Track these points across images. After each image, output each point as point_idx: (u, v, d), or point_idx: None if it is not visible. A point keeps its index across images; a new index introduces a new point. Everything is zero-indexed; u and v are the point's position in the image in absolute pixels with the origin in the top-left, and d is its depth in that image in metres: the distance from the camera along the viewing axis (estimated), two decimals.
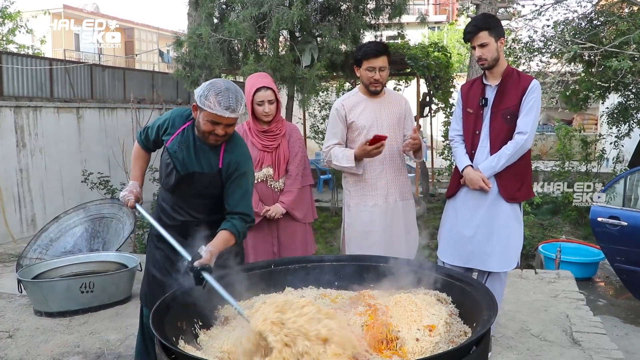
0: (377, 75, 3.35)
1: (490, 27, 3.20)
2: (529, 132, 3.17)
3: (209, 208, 2.67)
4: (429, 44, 11.80)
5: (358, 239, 3.48)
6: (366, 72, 3.36)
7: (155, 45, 25.37)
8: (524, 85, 3.21)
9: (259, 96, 3.31)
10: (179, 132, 2.62)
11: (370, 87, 3.41)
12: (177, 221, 2.70)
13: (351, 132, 3.47)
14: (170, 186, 2.65)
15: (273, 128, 3.43)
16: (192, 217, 2.68)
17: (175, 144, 2.61)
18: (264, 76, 3.47)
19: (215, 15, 8.35)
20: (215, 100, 2.34)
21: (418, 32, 19.61)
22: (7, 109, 8.69)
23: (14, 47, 14.24)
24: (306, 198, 3.56)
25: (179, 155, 2.59)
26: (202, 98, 2.37)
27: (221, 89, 2.36)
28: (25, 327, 4.26)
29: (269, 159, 3.42)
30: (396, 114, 3.48)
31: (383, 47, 3.37)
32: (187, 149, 2.59)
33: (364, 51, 3.35)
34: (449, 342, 1.90)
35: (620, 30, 7.57)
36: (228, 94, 2.36)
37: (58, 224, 5.87)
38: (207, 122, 2.42)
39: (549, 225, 9.43)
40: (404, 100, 3.60)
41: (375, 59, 3.31)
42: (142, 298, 2.95)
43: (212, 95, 2.34)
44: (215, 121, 2.40)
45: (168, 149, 2.62)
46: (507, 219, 3.30)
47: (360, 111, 3.43)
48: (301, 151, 3.53)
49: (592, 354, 3.55)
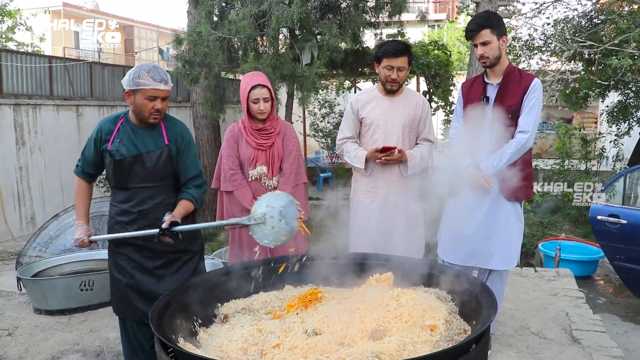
0: (395, 75, 3.37)
1: (493, 25, 3.18)
2: (530, 131, 3.17)
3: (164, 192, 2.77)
4: (429, 42, 11.78)
5: (358, 232, 3.52)
6: (384, 70, 3.37)
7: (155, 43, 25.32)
8: (525, 83, 3.20)
9: (254, 94, 3.31)
10: (115, 133, 2.75)
11: (386, 86, 3.43)
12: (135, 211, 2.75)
13: (362, 127, 3.53)
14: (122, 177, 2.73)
15: (268, 126, 3.42)
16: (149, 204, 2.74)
17: (116, 143, 2.73)
18: (258, 74, 3.47)
19: (215, 13, 8.32)
20: (148, 76, 2.57)
21: (418, 30, 19.59)
22: (6, 106, 8.68)
23: (14, 45, 14.22)
24: (300, 196, 3.54)
25: (122, 146, 2.72)
26: (135, 79, 2.58)
27: (149, 67, 2.62)
28: (25, 325, 4.26)
29: (263, 157, 3.42)
30: (410, 115, 3.48)
31: (404, 48, 3.37)
32: (128, 139, 2.73)
33: (385, 49, 3.35)
34: (448, 340, 1.90)
35: (620, 28, 7.57)
36: (157, 70, 2.62)
37: (57, 222, 5.87)
38: (146, 100, 2.61)
39: (549, 224, 9.42)
40: (422, 103, 3.57)
41: (394, 58, 3.33)
42: (116, 309, 2.93)
43: (144, 74, 2.58)
44: (153, 95, 2.60)
45: (110, 150, 2.73)
46: (508, 217, 3.30)
47: (372, 108, 3.46)
48: (295, 149, 3.53)
49: (591, 352, 3.55)
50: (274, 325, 2.07)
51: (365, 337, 1.93)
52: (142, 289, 2.76)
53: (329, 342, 1.89)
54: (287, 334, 1.99)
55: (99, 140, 2.78)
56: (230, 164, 3.43)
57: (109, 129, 2.77)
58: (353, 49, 9.26)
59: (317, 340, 1.90)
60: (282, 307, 2.29)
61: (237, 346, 1.92)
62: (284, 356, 1.82)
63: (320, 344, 1.88)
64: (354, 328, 1.98)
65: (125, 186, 2.75)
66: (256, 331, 2.03)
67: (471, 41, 3.30)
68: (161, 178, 2.75)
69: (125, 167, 2.71)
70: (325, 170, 13.09)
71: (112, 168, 2.72)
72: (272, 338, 1.97)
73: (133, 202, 2.74)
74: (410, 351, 1.79)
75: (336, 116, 10.97)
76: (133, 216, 2.75)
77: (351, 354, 1.76)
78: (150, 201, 2.74)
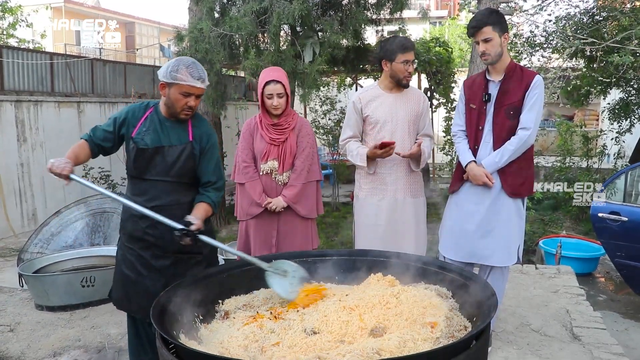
0: (411, 68, 3.40)
1: (495, 22, 3.17)
2: (532, 128, 3.17)
3: (181, 190, 2.72)
4: (430, 39, 11.78)
5: (365, 231, 3.53)
6: (401, 65, 3.37)
7: (156, 39, 25.35)
8: (527, 80, 3.20)
9: (268, 89, 3.33)
10: (142, 121, 2.71)
11: (403, 81, 3.44)
12: (150, 206, 2.67)
13: (366, 126, 3.52)
14: (141, 166, 2.69)
15: (282, 122, 3.43)
16: (165, 200, 2.70)
17: (142, 132, 2.69)
18: (275, 70, 3.51)
19: (216, 9, 8.32)
20: (187, 72, 2.52)
21: (419, 27, 19.53)
22: (7, 103, 8.67)
23: (15, 42, 14.20)
24: (311, 193, 3.53)
25: (147, 136, 2.68)
26: (173, 72, 2.52)
27: (189, 62, 2.56)
28: (27, 321, 4.27)
29: (275, 152, 3.42)
30: (414, 111, 3.50)
31: (412, 42, 3.47)
32: (154, 130, 2.69)
33: (402, 44, 3.36)
34: (449, 336, 1.90)
35: (622, 25, 7.55)
36: (196, 66, 2.56)
37: (59, 219, 5.88)
38: (180, 94, 2.56)
39: (550, 221, 9.41)
40: (423, 98, 3.59)
41: (410, 52, 3.36)
42: (116, 302, 2.90)
43: (183, 69, 2.52)
44: (188, 92, 2.56)
45: (134, 137, 2.69)
46: (510, 214, 3.30)
47: (377, 106, 3.46)
48: (309, 146, 3.51)
49: (591, 349, 3.56)
50: (274, 324, 2.08)
51: (365, 334, 1.93)
52: (148, 287, 2.72)
53: (328, 340, 1.90)
54: (287, 332, 1.99)
55: (123, 123, 2.73)
56: (244, 157, 3.47)
57: (137, 115, 2.74)
58: (354, 46, 9.26)
59: (316, 339, 1.91)
60: (283, 304, 2.30)
61: (238, 343, 1.92)
62: (283, 354, 1.83)
63: (320, 342, 1.89)
64: (353, 326, 1.98)
65: (142, 177, 2.72)
66: (257, 328, 2.03)
67: (473, 38, 3.29)
68: (180, 175, 2.71)
69: (146, 157, 2.68)
70: (326, 167, 13.09)
71: (134, 156, 2.69)
72: (272, 336, 1.97)
73: (148, 195, 2.70)
74: (410, 348, 1.79)
75: (337, 113, 10.95)
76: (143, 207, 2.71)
77: (351, 351, 1.76)
78: (165, 197, 2.70)
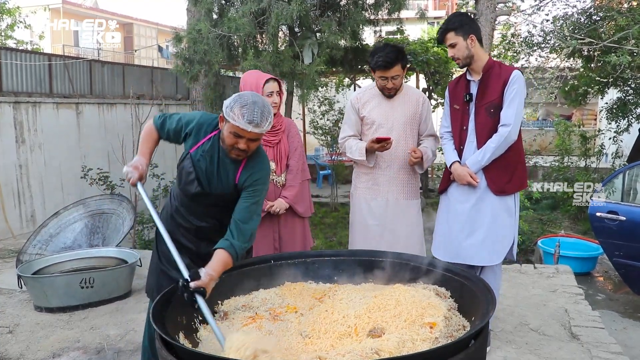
0: (390, 84, 3.38)
1: (456, 27, 3.23)
2: (512, 124, 3.16)
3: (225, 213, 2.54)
4: (429, 40, 11.78)
5: (359, 230, 3.54)
6: (379, 80, 3.39)
7: (154, 40, 25.32)
8: (505, 77, 3.22)
9: (268, 87, 3.29)
10: (204, 141, 2.53)
11: (384, 92, 3.45)
12: (193, 225, 2.66)
13: (363, 126, 3.54)
14: (190, 194, 2.59)
15: (275, 123, 3.41)
16: (208, 223, 2.64)
17: (200, 152, 2.53)
18: (259, 71, 3.49)
19: (215, 10, 8.33)
20: (239, 112, 2.25)
21: (417, 27, 19.56)
22: (6, 104, 8.66)
23: (13, 43, 14.19)
24: (306, 193, 3.59)
25: (202, 165, 2.52)
26: (228, 109, 2.28)
27: (247, 102, 2.27)
28: (26, 323, 4.27)
29: (271, 154, 3.42)
30: (410, 113, 3.50)
31: (394, 58, 3.31)
32: (210, 160, 2.51)
33: (376, 62, 3.32)
34: (448, 336, 1.90)
35: (619, 25, 7.56)
36: (254, 108, 2.26)
37: (58, 220, 5.88)
38: (230, 134, 2.33)
39: (548, 220, 9.44)
40: (422, 100, 3.59)
41: (387, 70, 3.32)
42: (151, 293, 2.85)
43: (237, 107, 2.26)
44: (238, 134, 2.31)
45: (192, 156, 2.54)
46: (495, 212, 3.29)
47: (373, 107, 3.48)
48: (300, 146, 3.54)
49: (590, 348, 3.57)
50: (272, 324, 2.08)
51: (363, 335, 1.93)
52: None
53: (327, 340, 1.90)
54: (284, 334, 2.00)
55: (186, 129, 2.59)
56: None
57: (205, 130, 2.55)
58: (352, 46, 9.28)
59: (315, 339, 1.92)
60: (282, 304, 2.30)
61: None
62: (283, 354, 1.83)
63: (318, 342, 1.89)
64: (352, 327, 1.98)
65: (187, 196, 2.63)
66: (256, 329, 2.04)
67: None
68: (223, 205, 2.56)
69: (194, 189, 2.55)
70: (325, 167, 13.09)
71: (184, 175, 2.57)
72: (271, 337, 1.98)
73: (189, 210, 2.64)
74: (409, 348, 1.80)
75: (336, 113, 10.96)
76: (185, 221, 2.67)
77: (351, 351, 1.77)
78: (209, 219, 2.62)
